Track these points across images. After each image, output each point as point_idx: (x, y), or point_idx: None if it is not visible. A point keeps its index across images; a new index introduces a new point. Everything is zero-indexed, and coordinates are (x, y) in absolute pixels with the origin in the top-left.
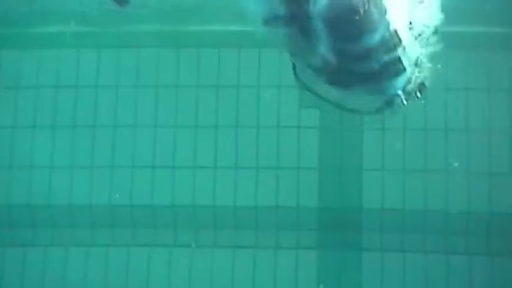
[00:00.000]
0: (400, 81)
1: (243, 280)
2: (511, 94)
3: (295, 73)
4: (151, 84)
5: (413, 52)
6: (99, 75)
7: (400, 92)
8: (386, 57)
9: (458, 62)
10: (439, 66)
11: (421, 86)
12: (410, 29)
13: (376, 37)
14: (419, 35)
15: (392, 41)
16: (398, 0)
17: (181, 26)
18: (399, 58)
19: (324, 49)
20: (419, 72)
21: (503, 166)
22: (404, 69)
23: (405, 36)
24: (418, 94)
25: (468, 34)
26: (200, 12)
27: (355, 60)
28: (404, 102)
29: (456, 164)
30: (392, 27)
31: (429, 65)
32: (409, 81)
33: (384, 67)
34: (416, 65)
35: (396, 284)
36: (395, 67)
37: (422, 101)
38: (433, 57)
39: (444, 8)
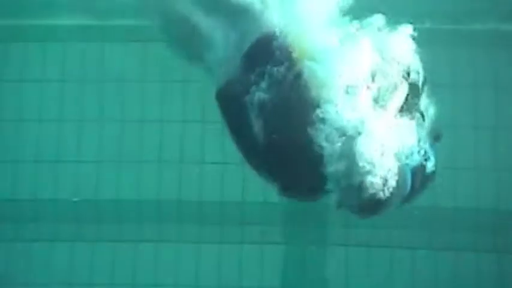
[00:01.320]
0: None
1: (208, 275)
2: (475, 90)
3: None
4: (117, 78)
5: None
6: (64, 69)
7: None
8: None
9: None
10: None
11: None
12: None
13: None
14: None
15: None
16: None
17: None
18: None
19: None
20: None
21: (467, 161)
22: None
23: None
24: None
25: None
26: None
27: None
28: None
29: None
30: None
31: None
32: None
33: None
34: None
35: (361, 279)
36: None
37: None
38: None
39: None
